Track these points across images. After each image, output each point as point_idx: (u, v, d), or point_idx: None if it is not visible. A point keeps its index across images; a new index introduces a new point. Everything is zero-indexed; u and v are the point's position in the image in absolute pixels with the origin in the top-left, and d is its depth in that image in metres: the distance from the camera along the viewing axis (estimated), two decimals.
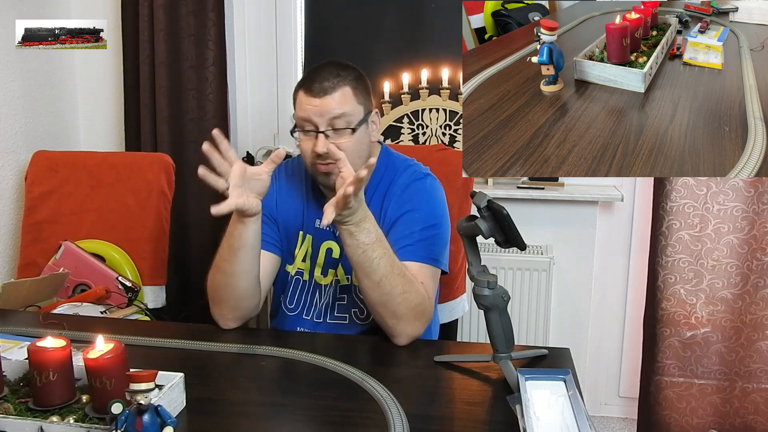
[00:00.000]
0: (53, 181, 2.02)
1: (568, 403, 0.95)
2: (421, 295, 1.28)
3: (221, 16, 2.16)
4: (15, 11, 2.05)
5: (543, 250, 2.24)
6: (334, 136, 1.31)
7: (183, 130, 2.22)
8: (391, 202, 1.39)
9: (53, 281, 1.78)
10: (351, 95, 1.32)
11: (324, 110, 1.30)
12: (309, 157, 1.34)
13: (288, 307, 1.45)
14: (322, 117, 1.30)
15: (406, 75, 2.27)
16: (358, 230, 1.21)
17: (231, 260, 1.29)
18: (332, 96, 1.30)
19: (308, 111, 1.31)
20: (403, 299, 1.24)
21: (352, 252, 1.23)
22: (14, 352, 1.17)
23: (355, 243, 1.22)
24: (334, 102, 1.30)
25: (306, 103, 1.31)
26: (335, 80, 1.31)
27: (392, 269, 1.24)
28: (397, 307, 1.25)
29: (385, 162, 1.43)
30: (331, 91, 1.30)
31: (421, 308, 1.27)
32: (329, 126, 1.31)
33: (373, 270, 1.23)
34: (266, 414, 1.07)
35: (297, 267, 1.45)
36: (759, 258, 1.77)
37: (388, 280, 1.23)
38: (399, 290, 1.24)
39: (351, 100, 1.32)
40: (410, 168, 1.43)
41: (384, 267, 1.23)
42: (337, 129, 1.31)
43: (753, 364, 1.82)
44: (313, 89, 1.31)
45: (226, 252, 1.29)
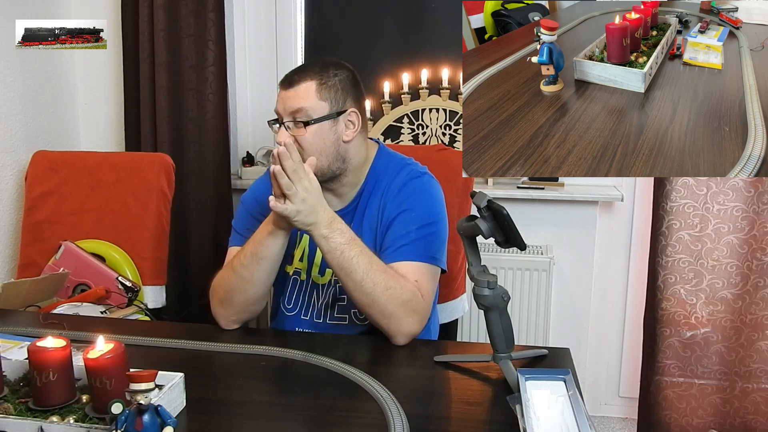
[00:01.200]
0: (53, 181, 2.02)
1: (568, 403, 0.95)
2: (409, 292, 1.27)
3: (221, 16, 2.16)
4: (15, 11, 2.05)
5: (543, 250, 2.24)
6: (293, 128, 1.33)
7: (183, 130, 2.22)
8: (388, 202, 1.39)
9: (53, 281, 1.79)
10: (313, 90, 1.33)
11: (286, 102, 1.33)
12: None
13: (287, 307, 1.45)
14: (285, 109, 1.33)
15: (406, 75, 2.27)
16: (330, 232, 1.24)
17: (251, 268, 1.30)
18: (295, 89, 1.33)
19: (277, 103, 1.35)
20: (388, 296, 1.24)
21: (330, 256, 1.25)
22: (14, 352, 1.17)
23: (331, 246, 1.24)
24: (295, 95, 1.32)
25: (278, 95, 1.35)
26: (302, 74, 1.34)
27: (371, 266, 1.25)
28: (385, 305, 1.25)
29: (383, 162, 1.43)
30: (294, 84, 1.33)
31: (411, 305, 1.27)
32: (291, 118, 1.33)
33: (354, 269, 1.24)
34: (266, 414, 1.07)
35: (295, 267, 1.45)
36: (759, 258, 1.77)
37: (369, 277, 1.24)
38: (382, 287, 1.24)
39: (312, 96, 1.33)
40: (407, 167, 1.42)
41: (363, 264, 1.24)
42: (297, 122, 1.33)
43: (753, 364, 1.82)
44: (284, 81, 1.35)
45: (248, 258, 1.30)
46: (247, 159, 2.38)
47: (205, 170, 2.23)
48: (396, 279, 1.27)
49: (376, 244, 1.38)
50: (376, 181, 1.41)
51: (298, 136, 1.32)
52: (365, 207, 1.40)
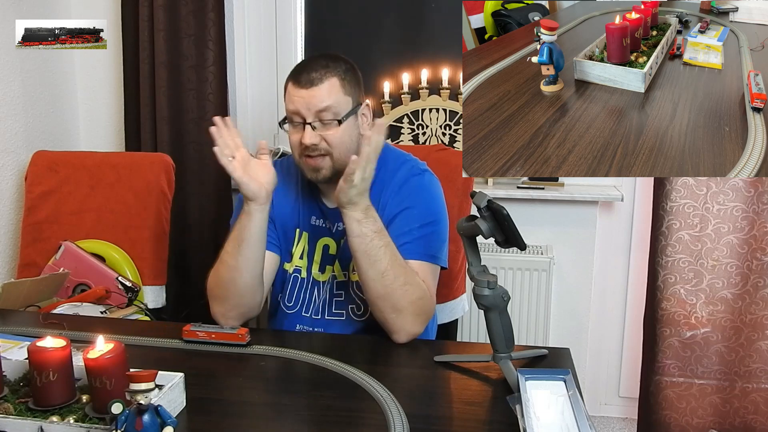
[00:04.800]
0: (53, 181, 2.02)
1: (568, 403, 0.95)
2: (422, 290, 1.28)
3: (221, 16, 2.16)
4: (15, 11, 2.05)
5: (543, 250, 2.24)
6: (321, 127, 1.31)
7: (183, 130, 2.22)
8: (389, 199, 1.39)
9: (53, 281, 1.78)
10: (338, 86, 1.32)
11: (311, 102, 1.30)
12: (297, 149, 1.35)
13: (287, 305, 1.45)
14: (309, 109, 1.30)
15: (406, 75, 2.27)
16: (365, 218, 1.24)
17: (235, 253, 1.30)
18: (319, 87, 1.30)
19: (296, 103, 1.31)
20: (404, 291, 1.25)
21: (359, 242, 1.24)
22: (14, 352, 1.17)
23: (362, 231, 1.24)
24: (321, 93, 1.30)
25: (294, 95, 1.32)
26: (323, 71, 1.31)
27: (395, 260, 1.26)
28: (399, 300, 1.25)
29: (382, 157, 1.43)
30: (318, 83, 1.30)
31: (421, 303, 1.27)
32: (316, 118, 1.31)
33: (379, 259, 1.24)
34: (266, 414, 1.07)
35: (295, 264, 1.45)
36: (759, 258, 1.77)
37: (392, 270, 1.24)
38: (401, 281, 1.25)
39: (338, 92, 1.32)
40: (407, 163, 1.42)
41: (388, 257, 1.24)
42: (324, 121, 1.31)
43: (753, 364, 1.82)
44: (301, 80, 1.31)
45: (230, 245, 1.31)
46: None
47: (205, 170, 2.23)
48: (414, 277, 1.28)
49: None
50: (375, 176, 1.41)
51: (328, 135, 1.31)
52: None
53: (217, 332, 1.21)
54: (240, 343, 1.20)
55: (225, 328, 1.22)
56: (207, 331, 1.21)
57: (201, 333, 1.21)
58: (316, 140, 1.31)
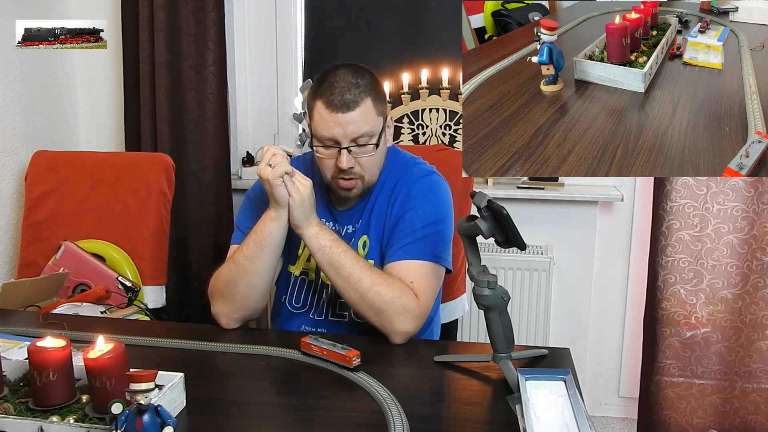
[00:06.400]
0: (53, 181, 2.02)
1: (568, 403, 0.95)
2: (397, 290, 1.28)
3: (221, 16, 2.16)
4: (15, 11, 2.05)
5: (543, 250, 2.24)
6: (356, 151, 1.31)
7: (183, 130, 2.22)
8: (397, 200, 1.39)
9: (53, 281, 1.78)
10: (372, 108, 1.30)
11: (348, 129, 1.28)
12: (330, 171, 1.34)
13: (294, 306, 1.45)
14: (346, 136, 1.28)
15: (406, 75, 2.27)
16: (321, 230, 1.29)
17: (255, 258, 1.30)
18: (355, 112, 1.27)
19: (332, 130, 1.28)
20: (375, 293, 1.26)
21: (321, 254, 1.29)
22: (14, 352, 1.17)
23: (321, 244, 1.29)
24: (358, 119, 1.28)
25: (329, 120, 1.28)
26: (355, 92, 1.28)
27: (357, 262, 1.28)
28: (373, 302, 1.26)
29: (392, 160, 1.43)
30: (353, 106, 1.27)
31: (400, 302, 1.27)
32: (353, 142, 1.30)
33: (341, 265, 1.27)
34: (266, 414, 1.07)
35: (302, 267, 1.45)
36: (759, 258, 1.77)
37: (356, 273, 1.27)
38: (368, 283, 1.26)
39: (372, 114, 1.30)
40: (417, 166, 1.43)
41: (349, 260, 1.27)
42: (360, 144, 1.31)
43: (753, 364, 1.82)
44: (334, 103, 1.27)
45: (251, 249, 1.31)
46: (247, 159, 2.38)
47: (205, 170, 2.23)
48: (382, 277, 1.29)
49: (382, 240, 1.38)
50: (385, 179, 1.41)
51: (363, 160, 1.32)
52: (374, 204, 1.41)
53: (329, 350, 1.18)
54: (347, 366, 1.15)
55: (336, 347, 1.18)
56: (320, 347, 1.19)
57: (316, 348, 1.20)
58: (353, 164, 1.31)
